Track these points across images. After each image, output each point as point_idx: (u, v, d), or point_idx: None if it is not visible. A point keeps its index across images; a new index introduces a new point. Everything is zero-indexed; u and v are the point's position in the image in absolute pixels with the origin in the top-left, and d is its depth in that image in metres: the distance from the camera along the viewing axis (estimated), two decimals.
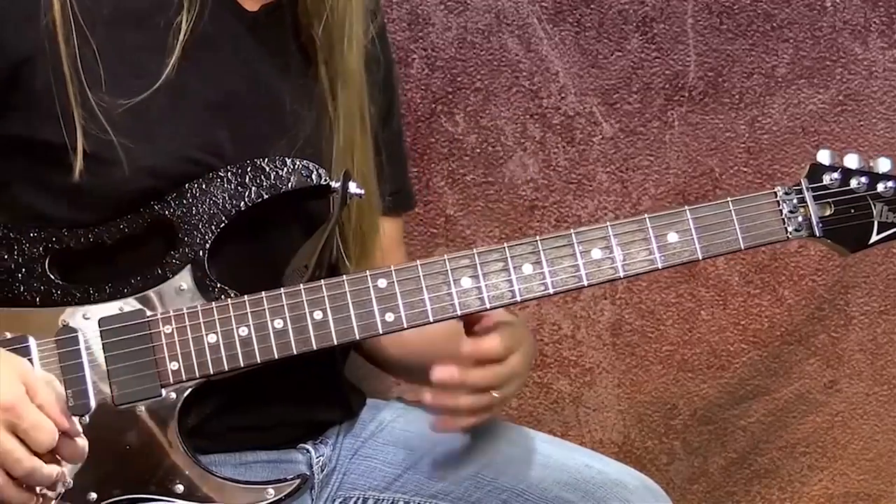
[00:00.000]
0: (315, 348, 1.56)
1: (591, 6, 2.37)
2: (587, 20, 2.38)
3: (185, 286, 1.58)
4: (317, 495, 1.75)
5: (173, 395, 1.56)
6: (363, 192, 1.65)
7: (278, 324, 1.56)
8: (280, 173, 1.61)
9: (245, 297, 1.56)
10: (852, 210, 1.67)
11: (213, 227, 1.59)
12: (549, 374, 2.45)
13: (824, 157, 1.68)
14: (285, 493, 1.58)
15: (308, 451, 1.75)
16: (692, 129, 2.43)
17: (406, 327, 1.56)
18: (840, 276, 2.51)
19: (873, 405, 2.56)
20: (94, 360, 1.53)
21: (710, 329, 2.49)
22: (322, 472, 1.75)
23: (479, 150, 2.37)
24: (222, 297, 1.57)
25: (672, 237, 1.62)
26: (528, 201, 2.39)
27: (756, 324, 2.49)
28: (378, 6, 1.84)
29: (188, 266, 1.58)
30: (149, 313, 1.55)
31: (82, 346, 1.52)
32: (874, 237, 1.68)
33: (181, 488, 1.56)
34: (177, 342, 1.54)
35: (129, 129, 1.56)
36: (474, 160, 2.37)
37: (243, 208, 1.59)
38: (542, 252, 1.59)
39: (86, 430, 1.46)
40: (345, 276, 1.57)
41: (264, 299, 1.56)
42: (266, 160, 1.61)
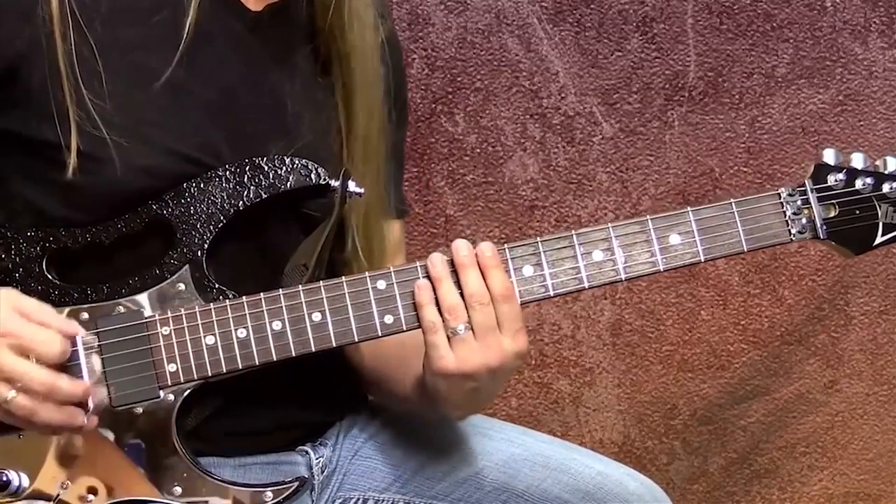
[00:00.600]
0: (314, 350, 1.54)
1: (591, 6, 2.37)
2: (587, 20, 2.38)
3: (183, 287, 1.57)
4: (317, 496, 1.74)
5: (171, 397, 1.55)
6: (362, 190, 1.63)
7: (277, 325, 1.54)
8: (279, 172, 1.59)
9: (243, 298, 1.55)
10: (857, 211, 1.64)
11: (211, 226, 1.58)
12: (549, 374, 2.45)
13: (829, 156, 1.65)
14: (284, 495, 1.57)
15: (307, 452, 1.74)
16: (692, 129, 2.43)
17: (405, 329, 1.55)
18: (840, 276, 2.50)
19: (873, 405, 2.56)
20: (92, 362, 1.52)
21: (710, 329, 2.49)
22: (322, 473, 1.75)
23: (479, 150, 2.37)
24: (221, 297, 1.56)
25: (674, 239, 1.60)
26: (528, 201, 2.39)
27: (756, 324, 2.49)
28: (386, 11, 1.83)
29: (186, 266, 1.57)
30: (147, 314, 1.54)
31: (80, 346, 1.51)
32: (879, 238, 1.65)
33: (179, 490, 1.55)
34: (175, 344, 1.53)
35: (124, 128, 1.55)
36: (474, 160, 2.37)
37: (242, 208, 1.58)
38: (542, 253, 1.58)
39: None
40: (343, 278, 1.56)
41: (262, 301, 1.55)
42: (265, 159, 1.59)
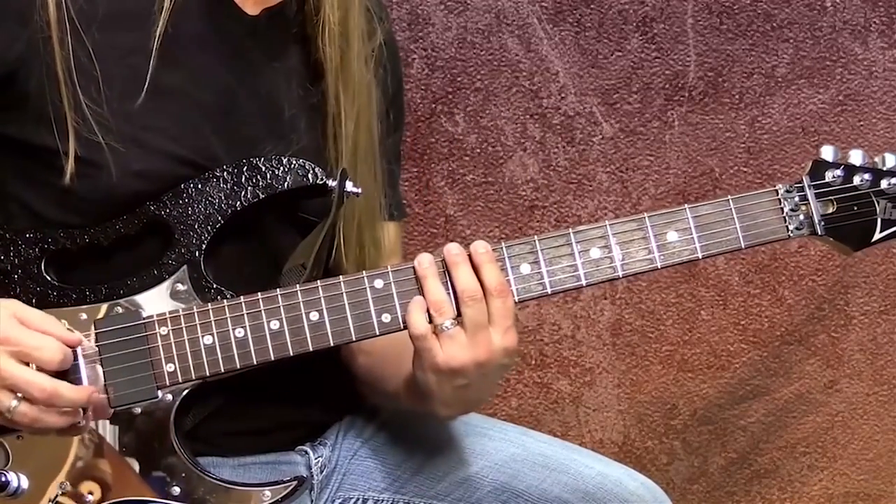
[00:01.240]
0: (311, 349, 1.55)
1: (591, 6, 2.37)
2: (587, 20, 2.37)
3: (181, 287, 1.57)
4: (316, 496, 1.74)
5: (169, 397, 1.55)
6: (360, 190, 1.63)
7: (274, 325, 1.55)
8: (276, 173, 1.60)
9: (241, 298, 1.55)
10: (855, 207, 1.64)
11: (209, 227, 1.58)
12: (549, 374, 2.45)
13: (828, 153, 1.64)
14: (282, 495, 1.57)
15: (307, 452, 1.74)
16: (692, 129, 2.43)
17: (403, 328, 1.55)
18: (840, 276, 2.50)
19: (873, 405, 2.56)
20: (91, 362, 1.52)
21: (710, 329, 2.48)
22: (321, 473, 1.75)
23: (479, 150, 2.37)
24: (219, 297, 1.56)
25: (672, 236, 1.60)
26: (528, 201, 2.39)
27: (756, 324, 2.49)
28: (385, 14, 1.83)
29: (184, 267, 1.57)
30: (145, 315, 1.54)
31: (79, 347, 1.51)
32: (877, 235, 1.65)
33: (178, 490, 1.55)
34: (173, 344, 1.53)
35: (120, 133, 1.55)
36: (474, 160, 2.37)
37: (239, 208, 1.58)
38: (539, 252, 1.58)
39: None
40: (341, 277, 1.56)
41: (260, 300, 1.55)
42: (262, 159, 1.59)
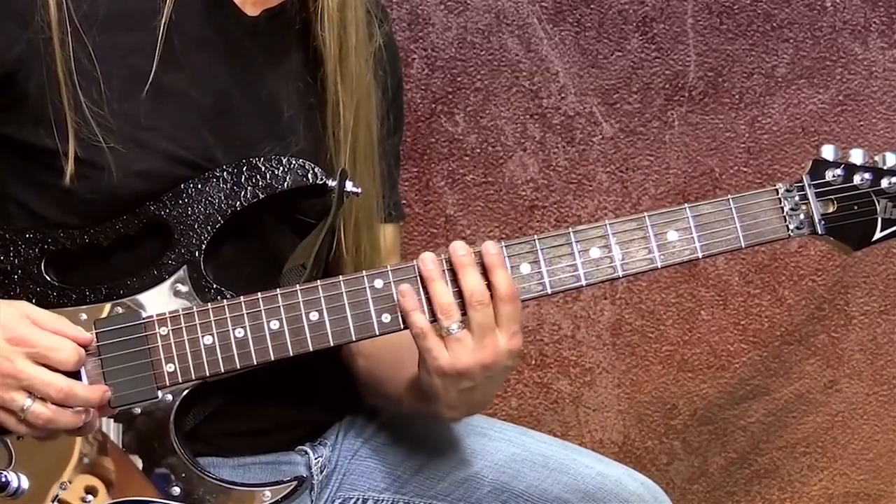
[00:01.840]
0: (311, 349, 1.55)
1: (591, 6, 2.37)
2: (587, 20, 2.37)
3: (181, 287, 1.57)
4: (316, 496, 1.74)
5: (169, 397, 1.55)
6: (360, 190, 1.63)
7: (274, 325, 1.54)
8: (276, 172, 1.60)
9: (241, 298, 1.55)
10: (855, 207, 1.64)
11: (208, 227, 1.58)
12: (549, 374, 2.45)
13: (828, 152, 1.64)
14: (282, 495, 1.57)
15: (307, 452, 1.74)
16: (692, 129, 2.43)
17: (403, 328, 1.55)
18: (840, 276, 2.50)
19: (873, 405, 2.56)
20: (90, 363, 1.52)
21: (710, 329, 2.48)
22: (321, 473, 1.75)
23: (479, 150, 2.37)
24: (218, 297, 1.56)
25: (672, 235, 1.60)
26: (528, 201, 2.39)
27: (756, 324, 2.49)
28: (385, 16, 1.83)
29: (184, 267, 1.57)
30: (145, 315, 1.54)
31: None
32: (878, 234, 1.64)
33: (178, 490, 1.55)
34: (172, 344, 1.53)
35: (120, 134, 1.55)
36: (474, 160, 2.37)
37: (239, 208, 1.58)
38: (539, 251, 1.58)
39: None
40: (341, 277, 1.56)
41: (260, 300, 1.55)
42: (262, 159, 1.60)
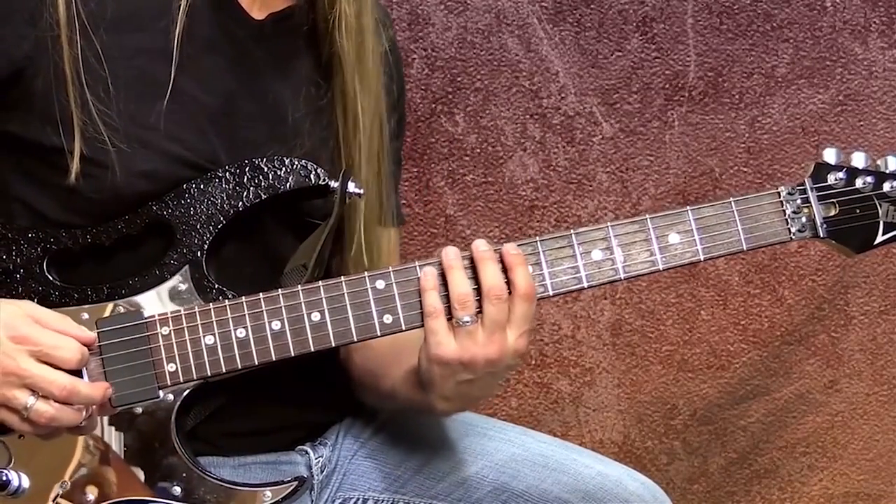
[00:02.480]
0: (312, 350, 1.55)
1: (591, 6, 2.37)
2: (587, 20, 2.38)
3: (183, 287, 1.57)
4: (316, 496, 1.74)
5: (171, 397, 1.55)
6: (363, 191, 1.63)
7: (276, 325, 1.54)
8: (278, 173, 1.60)
9: (243, 298, 1.55)
10: (857, 210, 1.64)
11: (211, 227, 1.58)
12: (549, 374, 2.45)
13: (830, 155, 1.64)
14: (282, 495, 1.57)
15: (307, 452, 1.74)
16: (692, 129, 2.43)
17: (404, 329, 1.55)
18: (840, 276, 2.50)
19: (873, 405, 2.56)
20: (92, 362, 1.51)
21: (710, 329, 2.48)
22: (322, 473, 1.75)
23: (479, 150, 2.37)
24: (220, 297, 1.56)
25: (673, 238, 1.60)
26: (528, 201, 2.39)
27: (756, 324, 2.49)
28: (388, 20, 1.83)
29: (186, 267, 1.57)
30: (147, 314, 1.54)
31: None
32: (879, 238, 1.65)
33: (178, 490, 1.55)
34: (174, 344, 1.53)
35: (126, 134, 1.55)
36: (474, 160, 2.37)
37: (241, 209, 1.58)
38: (541, 253, 1.58)
39: None
40: (342, 278, 1.56)
41: (262, 301, 1.55)
42: (264, 160, 1.60)
